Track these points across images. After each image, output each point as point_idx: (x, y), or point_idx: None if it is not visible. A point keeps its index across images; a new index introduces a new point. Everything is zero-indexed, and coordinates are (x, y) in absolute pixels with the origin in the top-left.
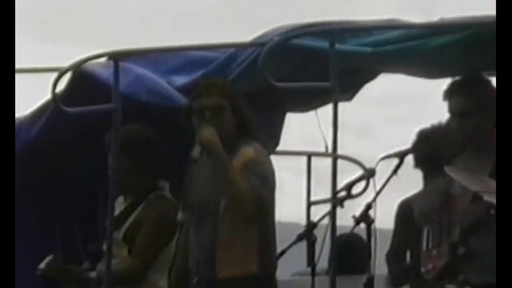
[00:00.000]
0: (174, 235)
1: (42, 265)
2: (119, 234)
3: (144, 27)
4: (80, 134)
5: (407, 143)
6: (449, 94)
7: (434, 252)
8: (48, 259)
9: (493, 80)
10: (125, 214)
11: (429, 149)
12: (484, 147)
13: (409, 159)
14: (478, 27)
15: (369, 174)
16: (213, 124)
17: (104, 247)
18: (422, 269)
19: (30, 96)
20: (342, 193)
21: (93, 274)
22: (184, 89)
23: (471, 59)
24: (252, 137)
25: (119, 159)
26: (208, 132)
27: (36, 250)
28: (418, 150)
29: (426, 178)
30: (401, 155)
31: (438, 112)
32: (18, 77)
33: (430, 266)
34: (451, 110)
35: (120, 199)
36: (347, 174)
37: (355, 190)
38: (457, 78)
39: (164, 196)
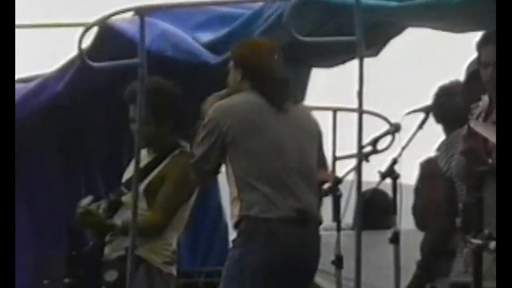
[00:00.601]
0: (193, 193)
1: (84, 203)
2: (141, 187)
3: None
4: (106, 88)
5: (432, 98)
6: (482, 45)
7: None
8: (89, 198)
9: None
10: (150, 167)
11: (451, 104)
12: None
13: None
14: None
15: (394, 129)
16: None
17: (124, 198)
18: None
19: (58, 51)
20: (368, 148)
21: (118, 222)
22: (209, 46)
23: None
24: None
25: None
26: None
27: (61, 195)
28: (441, 104)
29: (448, 133)
30: (427, 110)
31: (462, 68)
32: (46, 32)
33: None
34: (484, 60)
35: (144, 151)
36: (373, 129)
37: (381, 145)
38: (488, 31)
39: (188, 153)
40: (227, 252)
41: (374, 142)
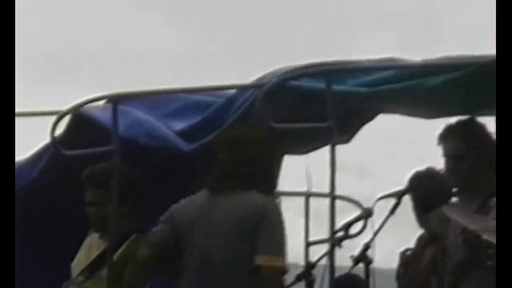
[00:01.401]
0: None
1: None
2: (102, 272)
3: (142, 70)
4: (79, 176)
5: (405, 183)
6: (443, 138)
7: None
8: None
9: (492, 121)
10: (109, 252)
11: (425, 190)
12: (479, 190)
13: (407, 199)
14: (477, 66)
15: (367, 214)
16: None
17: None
18: None
19: (30, 139)
20: (340, 233)
21: None
22: (183, 133)
23: (470, 99)
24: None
25: (103, 197)
26: None
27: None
28: (414, 191)
29: (421, 219)
30: (399, 195)
31: (437, 153)
32: (17, 121)
33: None
34: (445, 154)
35: (95, 238)
36: (345, 214)
37: (353, 230)
38: (450, 122)
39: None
40: None
41: (347, 227)
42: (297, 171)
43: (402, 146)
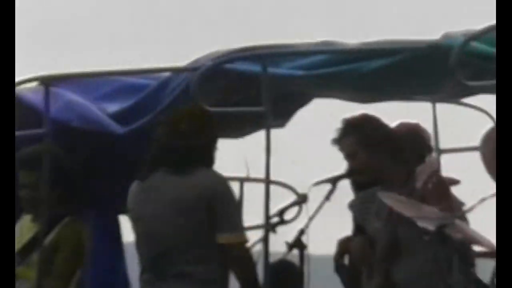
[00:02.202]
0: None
1: None
2: (33, 257)
3: (76, 52)
4: None
5: (340, 169)
6: (337, 140)
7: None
8: None
9: (425, 106)
10: (39, 236)
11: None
12: (385, 181)
13: (342, 184)
14: (411, 51)
15: (301, 199)
16: None
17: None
18: None
19: None
20: (275, 219)
21: None
22: (116, 116)
23: (404, 84)
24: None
25: (36, 180)
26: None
27: None
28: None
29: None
30: (334, 181)
31: None
32: None
33: None
34: (342, 153)
35: (27, 220)
36: (280, 200)
37: (288, 216)
38: (341, 124)
39: (78, 221)
40: None
41: (281, 212)
42: (232, 156)
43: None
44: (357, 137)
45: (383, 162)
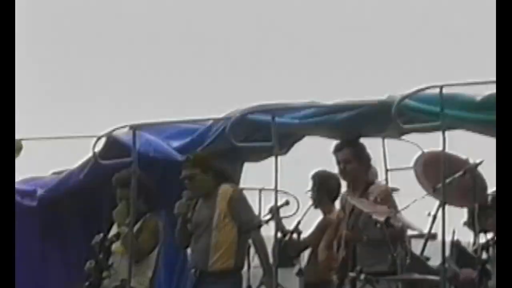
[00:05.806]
0: (158, 243)
1: (97, 238)
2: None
3: (151, 107)
4: (110, 178)
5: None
6: (336, 149)
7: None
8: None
9: (374, 141)
10: (130, 225)
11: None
12: (361, 186)
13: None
14: (368, 106)
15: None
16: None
17: (114, 247)
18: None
19: (73, 154)
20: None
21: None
22: (178, 149)
23: (364, 127)
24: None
25: (126, 194)
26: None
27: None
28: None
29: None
30: (317, 190)
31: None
32: (65, 143)
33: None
34: (337, 159)
35: (118, 210)
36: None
37: (287, 213)
38: (341, 140)
39: (154, 217)
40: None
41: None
42: (255, 173)
43: (322, 159)
44: (351, 151)
45: (364, 171)
